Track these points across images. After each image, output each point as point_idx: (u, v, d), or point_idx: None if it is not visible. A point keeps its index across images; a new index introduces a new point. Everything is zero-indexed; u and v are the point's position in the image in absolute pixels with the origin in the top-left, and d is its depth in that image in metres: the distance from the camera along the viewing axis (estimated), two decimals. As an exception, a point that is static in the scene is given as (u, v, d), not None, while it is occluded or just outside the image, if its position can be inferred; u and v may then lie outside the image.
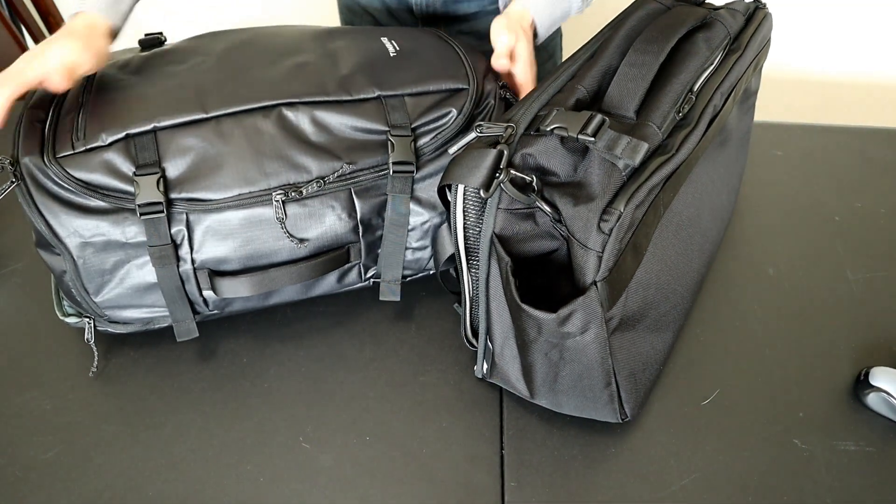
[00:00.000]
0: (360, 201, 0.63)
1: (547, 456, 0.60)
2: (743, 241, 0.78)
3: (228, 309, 0.66)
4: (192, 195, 0.59)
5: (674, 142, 0.56)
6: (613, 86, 0.58)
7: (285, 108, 0.61)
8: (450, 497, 0.58)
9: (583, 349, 0.55)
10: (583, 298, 0.52)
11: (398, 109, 0.64)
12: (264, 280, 0.62)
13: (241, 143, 0.60)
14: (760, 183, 0.85)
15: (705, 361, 0.67)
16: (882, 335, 0.69)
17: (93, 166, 0.58)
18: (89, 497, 0.58)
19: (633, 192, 0.52)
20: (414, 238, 0.67)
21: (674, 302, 0.64)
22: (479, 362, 0.63)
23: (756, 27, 0.68)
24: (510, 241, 0.55)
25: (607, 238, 0.51)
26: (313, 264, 0.63)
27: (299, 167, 0.61)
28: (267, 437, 0.62)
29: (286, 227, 0.61)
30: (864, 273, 0.75)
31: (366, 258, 0.66)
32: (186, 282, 0.61)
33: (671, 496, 0.58)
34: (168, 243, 0.59)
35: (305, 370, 0.66)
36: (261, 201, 0.60)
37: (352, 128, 0.63)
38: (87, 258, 0.59)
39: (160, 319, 0.65)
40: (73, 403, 0.64)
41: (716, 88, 0.61)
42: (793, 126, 0.93)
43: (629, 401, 0.59)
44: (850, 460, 0.60)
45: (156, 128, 0.59)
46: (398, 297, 0.68)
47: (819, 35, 1.55)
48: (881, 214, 0.81)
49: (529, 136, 0.55)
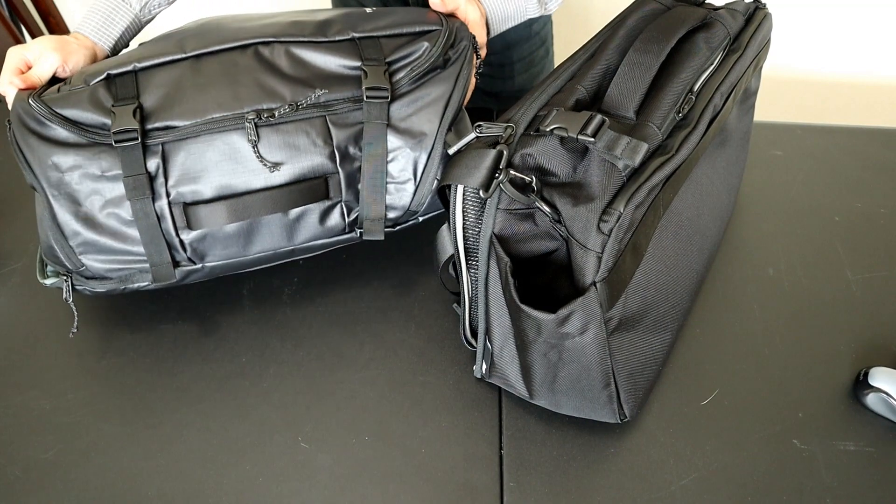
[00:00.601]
0: (336, 129, 0.63)
1: (546, 456, 0.60)
2: (743, 242, 0.78)
3: (209, 260, 0.64)
4: (167, 123, 0.60)
5: (674, 142, 0.56)
6: (613, 86, 0.58)
7: (261, 46, 0.63)
8: (449, 497, 0.58)
9: (582, 350, 0.55)
10: (582, 299, 0.52)
11: (372, 47, 0.65)
12: (239, 206, 0.61)
13: (216, 74, 0.62)
14: (760, 183, 0.85)
15: (705, 361, 0.67)
16: (882, 335, 0.69)
17: (73, 102, 0.60)
18: (89, 497, 0.58)
19: (633, 193, 0.52)
20: (395, 169, 0.65)
21: (673, 302, 0.64)
22: (478, 362, 0.63)
23: (756, 27, 0.68)
24: (509, 241, 0.55)
25: (607, 238, 0.51)
26: (289, 191, 0.62)
27: (273, 93, 0.62)
28: (266, 436, 0.62)
29: (258, 151, 0.61)
30: (864, 273, 0.75)
31: (346, 193, 0.65)
32: (162, 219, 0.61)
33: (670, 496, 0.58)
34: (142, 173, 0.60)
35: (305, 370, 0.66)
36: (234, 126, 0.61)
37: (327, 62, 0.64)
38: (62, 193, 0.60)
39: (137, 276, 0.64)
40: (72, 403, 0.64)
41: (716, 89, 0.61)
42: (793, 126, 0.93)
43: (628, 401, 0.59)
44: (849, 460, 0.60)
45: (136, 68, 0.62)
46: (382, 235, 0.67)
47: (819, 35, 1.55)
48: (881, 214, 0.81)
49: (529, 137, 0.55)
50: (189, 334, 0.69)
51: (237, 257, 0.65)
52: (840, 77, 1.62)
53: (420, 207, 0.68)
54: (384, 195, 0.66)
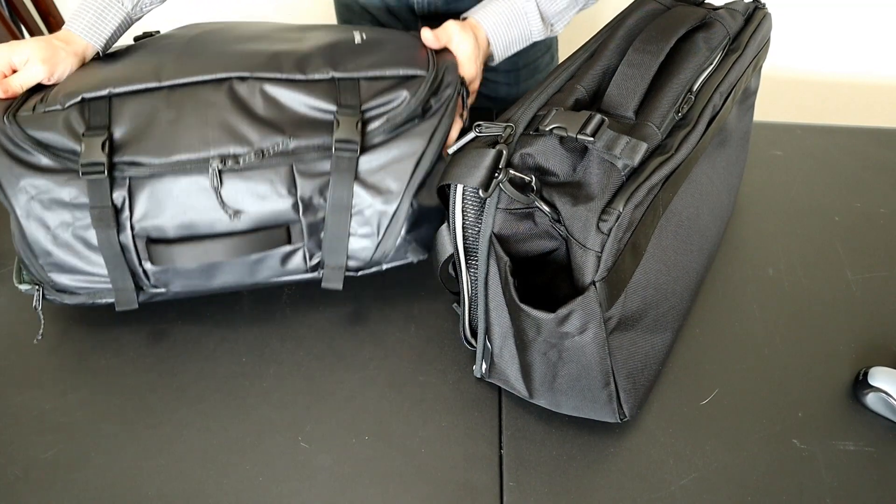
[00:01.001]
0: (301, 179, 0.62)
1: (546, 456, 0.60)
2: (743, 242, 0.78)
3: (172, 288, 0.65)
4: (134, 158, 0.60)
5: (673, 142, 0.56)
6: (613, 86, 0.58)
7: (237, 82, 0.62)
8: (449, 497, 0.58)
9: (581, 349, 0.55)
10: (581, 298, 0.52)
11: (350, 91, 0.63)
12: (198, 250, 0.62)
13: (188, 112, 0.61)
14: (760, 183, 0.85)
15: (705, 361, 0.67)
16: (882, 335, 0.69)
17: (47, 125, 0.61)
18: (89, 497, 0.58)
19: (633, 192, 0.52)
20: (358, 223, 0.65)
21: (673, 302, 0.64)
22: (478, 362, 0.63)
23: (755, 27, 0.68)
24: (509, 240, 0.55)
25: (606, 238, 0.51)
26: (249, 239, 0.62)
27: (241, 138, 0.61)
28: (266, 436, 0.62)
29: (221, 197, 0.61)
30: (864, 273, 0.75)
31: (308, 241, 0.65)
32: (126, 251, 0.62)
33: (670, 496, 0.58)
34: (108, 206, 0.60)
35: (305, 370, 0.66)
36: (199, 169, 0.61)
37: (301, 104, 0.63)
38: (31, 216, 0.61)
39: (105, 293, 0.65)
40: (72, 403, 0.64)
41: (715, 88, 0.61)
42: (793, 126, 0.93)
43: (628, 401, 0.59)
44: (849, 460, 0.60)
45: (111, 93, 0.61)
46: (340, 285, 0.67)
47: (819, 35, 1.55)
48: (881, 214, 0.81)
49: (528, 136, 0.55)
50: (189, 334, 0.69)
51: (200, 288, 0.66)
52: (840, 77, 1.62)
53: (383, 260, 0.68)
54: (346, 246, 0.66)
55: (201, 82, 0.62)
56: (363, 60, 0.65)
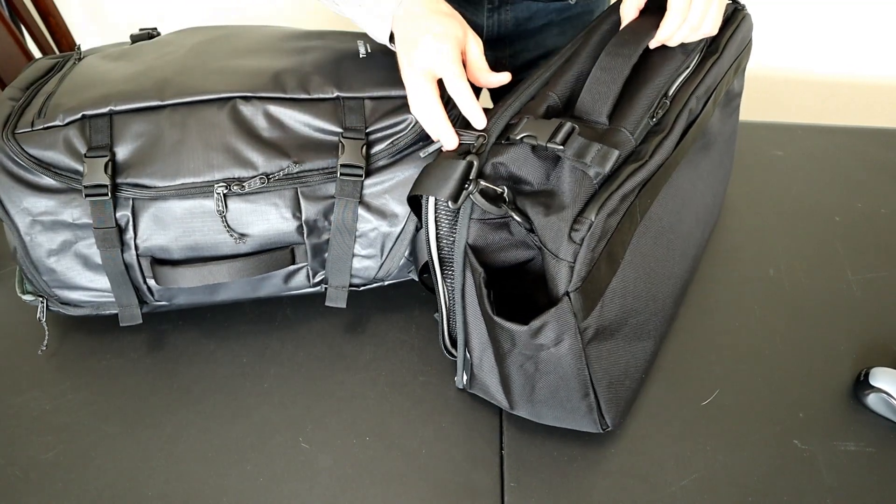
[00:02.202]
0: (306, 202, 0.62)
1: (547, 456, 0.60)
2: (743, 242, 0.78)
3: (175, 302, 0.66)
4: (138, 181, 0.60)
5: (647, 148, 0.55)
6: (585, 91, 0.56)
7: (240, 102, 0.61)
8: (450, 497, 0.58)
9: (557, 361, 0.54)
10: (555, 310, 0.51)
11: (355, 112, 0.62)
12: (203, 272, 0.62)
13: (191, 133, 0.60)
14: (761, 183, 0.85)
15: (705, 362, 0.67)
16: (882, 335, 0.69)
17: (47, 144, 0.59)
18: (89, 497, 0.58)
19: (605, 201, 0.51)
20: (361, 245, 0.65)
21: (654, 309, 0.62)
22: (459, 373, 0.62)
23: (734, 28, 0.67)
24: (484, 251, 0.54)
25: (579, 248, 0.50)
26: (254, 261, 0.62)
27: (245, 162, 0.61)
28: (266, 437, 0.62)
29: (227, 221, 0.61)
30: (864, 273, 0.75)
31: (312, 261, 0.65)
32: (131, 269, 0.62)
33: (671, 496, 0.58)
34: (112, 226, 0.60)
35: (305, 370, 0.66)
36: (203, 193, 0.61)
37: (305, 125, 0.62)
38: (34, 236, 0.60)
39: (110, 305, 0.66)
40: (73, 403, 0.64)
41: (691, 92, 0.60)
42: (793, 126, 0.93)
43: (610, 411, 0.58)
44: (850, 460, 0.60)
45: (112, 111, 0.60)
46: (344, 304, 0.67)
47: (819, 35, 1.55)
48: (881, 214, 0.81)
49: (501, 145, 0.54)
50: (190, 335, 0.69)
51: (203, 302, 0.67)
52: (840, 77, 1.62)
53: (386, 278, 0.68)
54: (350, 266, 0.66)
55: (204, 101, 0.61)
56: (368, 78, 0.64)
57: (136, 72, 0.63)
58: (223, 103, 0.61)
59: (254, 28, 0.72)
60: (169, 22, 0.77)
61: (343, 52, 0.66)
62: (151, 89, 0.61)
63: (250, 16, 1.56)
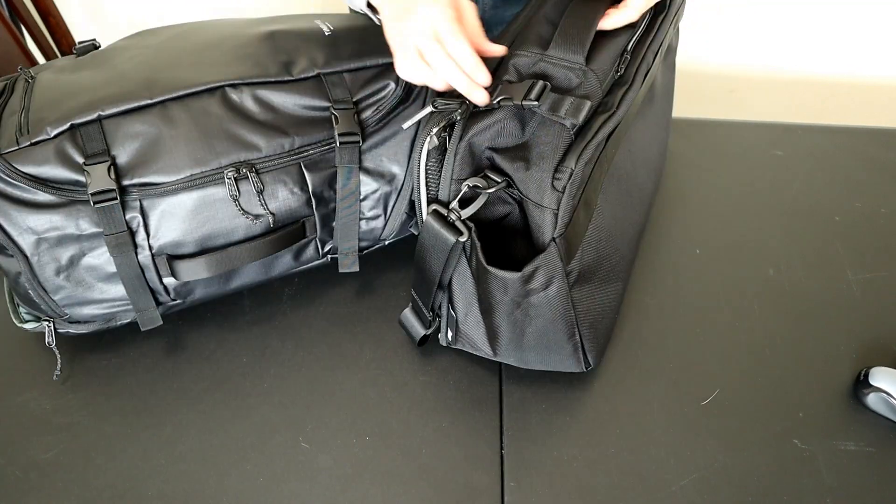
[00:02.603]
0: (310, 175, 0.64)
1: (547, 456, 0.60)
2: (743, 242, 0.78)
3: (191, 298, 0.66)
4: (144, 180, 0.60)
5: (613, 100, 0.58)
6: (559, 34, 0.59)
7: (229, 89, 0.62)
8: (450, 497, 0.58)
9: (547, 304, 0.57)
10: (544, 255, 0.55)
11: (338, 85, 0.65)
12: (223, 259, 0.63)
13: (188, 125, 0.61)
14: (761, 183, 0.85)
15: (705, 361, 0.67)
16: (882, 335, 0.69)
17: (40, 159, 0.58)
18: (89, 497, 0.58)
19: (582, 150, 0.54)
20: (367, 207, 0.68)
21: (623, 252, 0.67)
22: (443, 331, 0.65)
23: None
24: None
25: (561, 195, 0.53)
26: (271, 240, 0.64)
27: (249, 145, 0.62)
28: (267, 436, 0.62)
29: (240, 205, 0.62)
30: (864, 273, 0.75)
31: (321, 232, 0.68)
32: (146, 270, 0.62)
33: (671, 496, 0.58)
34: (124, 230, 0.59)
35: (305, 370, 0.66)
36: (213, 181, 0.61)
37: (295, 105, 0.64)
38: (41, 255, 0.59)
39: (121, 315, 0.65)
40: (73, 403, 0.64)
41: (647, 47, 0.63)
42: (793, 126, 0.93)
43: (591, 350, 0.62)
44: (850, 460, 0.60)
45: (101, 116, 0.59)
46: (357, 267, 0.70)
47: (819, 35, 1.55)
48: (881, 214, 0.81)
49: (479, 113, 0.57)
50: (190, 335, 0.69)
51: (218, 292, 0.67)
52: (840, 77, 1.62)
53: (389, 237, 0.71)
54: (357, 230, 0.69)
55: (194, 94, 0.61)
56: (341, 52, 0.66)
57: (111, 76, 0.63)
58: (212, 93, 0.62)
59: (208, 22, 0.73)
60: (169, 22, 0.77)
61: (308, 32, 0.69)
62: (139, 89, 0.61)
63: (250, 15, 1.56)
